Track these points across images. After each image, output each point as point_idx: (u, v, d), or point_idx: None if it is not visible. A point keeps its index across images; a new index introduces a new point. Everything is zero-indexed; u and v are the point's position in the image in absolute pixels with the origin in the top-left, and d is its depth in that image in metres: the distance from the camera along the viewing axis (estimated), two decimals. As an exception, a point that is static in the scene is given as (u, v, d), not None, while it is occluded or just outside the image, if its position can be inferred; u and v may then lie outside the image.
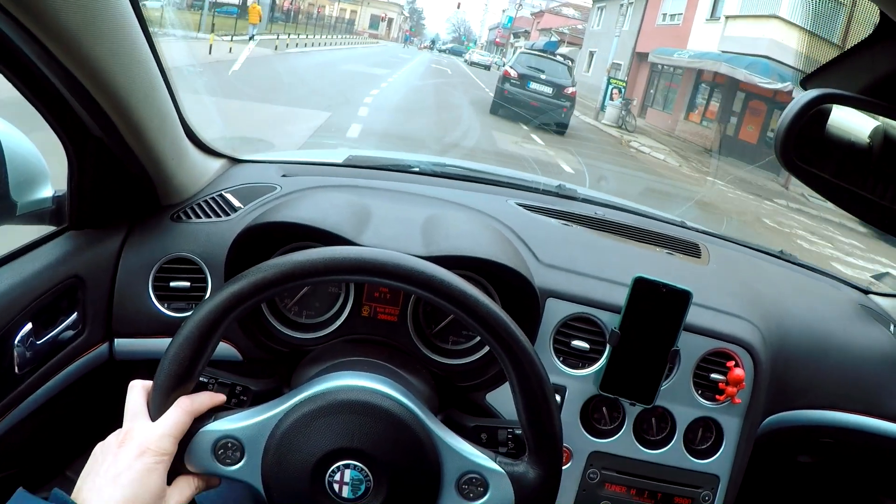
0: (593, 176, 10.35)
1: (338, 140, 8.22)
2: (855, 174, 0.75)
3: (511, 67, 15.82)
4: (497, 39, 58.24)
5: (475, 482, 0.92)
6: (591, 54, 35.64)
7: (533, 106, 15.13)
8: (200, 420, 0.89)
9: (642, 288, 1.26)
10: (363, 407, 0.91)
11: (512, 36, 57.60)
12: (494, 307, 0.90)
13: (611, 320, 1.31)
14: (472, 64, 46.13)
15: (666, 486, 1.36)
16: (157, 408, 0.86)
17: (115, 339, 1.30)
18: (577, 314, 1.32)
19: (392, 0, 70.19)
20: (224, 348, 1.29)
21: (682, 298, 1.26)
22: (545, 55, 17.26)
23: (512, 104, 15.03)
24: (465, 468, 0.92)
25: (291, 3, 38.11)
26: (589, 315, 1.32)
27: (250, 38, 20.66)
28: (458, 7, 63.78)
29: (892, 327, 1.72)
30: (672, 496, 1.36)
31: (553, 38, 40.97)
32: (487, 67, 43.61)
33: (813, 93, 0.72)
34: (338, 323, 1.30)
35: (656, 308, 1.27)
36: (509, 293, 1.30)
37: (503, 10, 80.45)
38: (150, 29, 1.05)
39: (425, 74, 27.95)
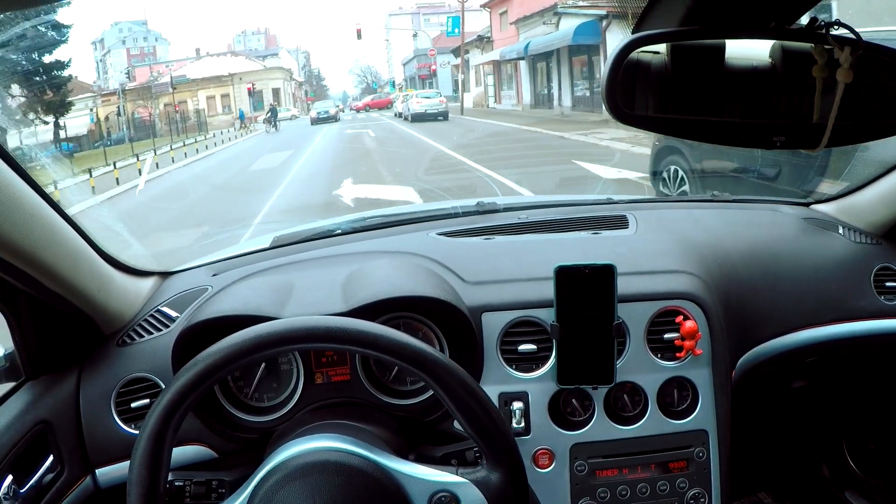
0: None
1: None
2: (688, 104, 0.82)
3: None
4: (433, 66, 41.61)
5: (445, 500, 0.99)
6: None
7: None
8: None
9: (566, 276, 1.29)
10: (319, 466, 0.99)
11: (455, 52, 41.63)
12: (397, 336, 0.97)
13: (549, 316, 1.33)
14: (415, 119, 26.57)
15: (656, 456, 1.37)
16: None
17: (97, 470, 1.35)
18: (515, 320, 1.37)
19: (274, 66, 53.40)
20: (198, 450, 1.34)
21: (607, 273, 1.28)
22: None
23: None
24: (431, 490, 0.99)
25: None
26: (527, 318, 1.37)
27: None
28: (359, 36, 42.32)
29: (839, 229, 1.77)
30: (666, 462, 1.37)
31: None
32: (444, 116, 27.61)
33: (623, 42, 0.78)
34: (295, 398, 1.35)
35: (585, 290, 1.29)
36: (443, 321, 1.35)
37: (414, 35, 64.65)
38: (41, 182, 1.11)
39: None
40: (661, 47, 0.82)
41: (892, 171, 1.71)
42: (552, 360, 1.35)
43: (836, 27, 0.78)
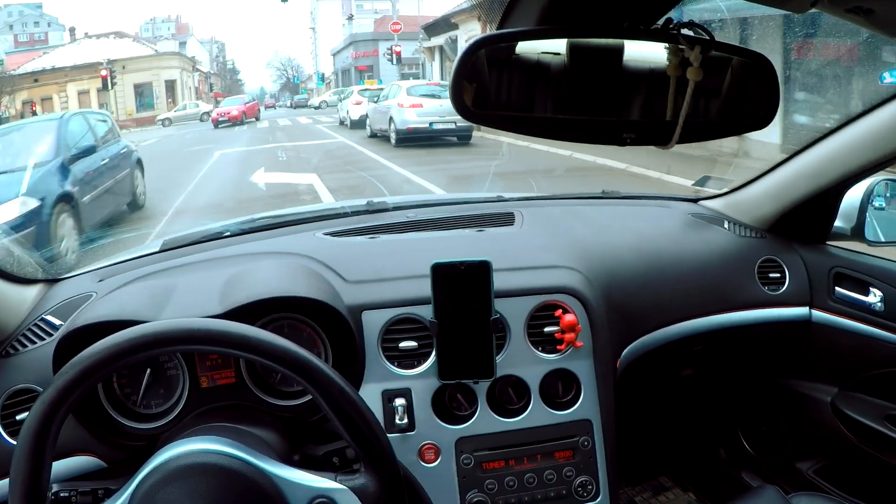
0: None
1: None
2: (538, 102, 0.83)
3: None
4: (396, 49, 29.61)
5: None
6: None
7: None
8: None
9: (442, 272, 1.31)
10: (198, 469, 0.98)
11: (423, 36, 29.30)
12: (267, 337, 0.98)
13: (429, 313, 1.35)
14: (403, 141, 13.65)
15: (542, 446, 1.39)
16: None
17: None
18: (395, 317, 1.38)
19: (169, 51, 41.85)
20: (87, 460, 1.31)
21: (483, 269, 1.30)
22: None
23: None
24: (309, 496, 1.00)
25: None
26: (408, 315, 1.38)
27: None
28: None
29: (725, 224, 1.86)
30: (551, 452, 1.39)
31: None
32: (466, 136, 14.17)
33: (469, 43, 0.80)
34: (182, 403, 1.32)
35: (462, 287, 1.31)
36: (322, 320, 1.34)
37: (344, 23, 54.19)
38: None
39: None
40: (522, 47, 0.83)
41: (776, 168, 1.80)
42: (433, 357, 1.37)
43: (688, 28, 0.80)
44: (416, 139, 13.48)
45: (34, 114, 36.22)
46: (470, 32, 22.41)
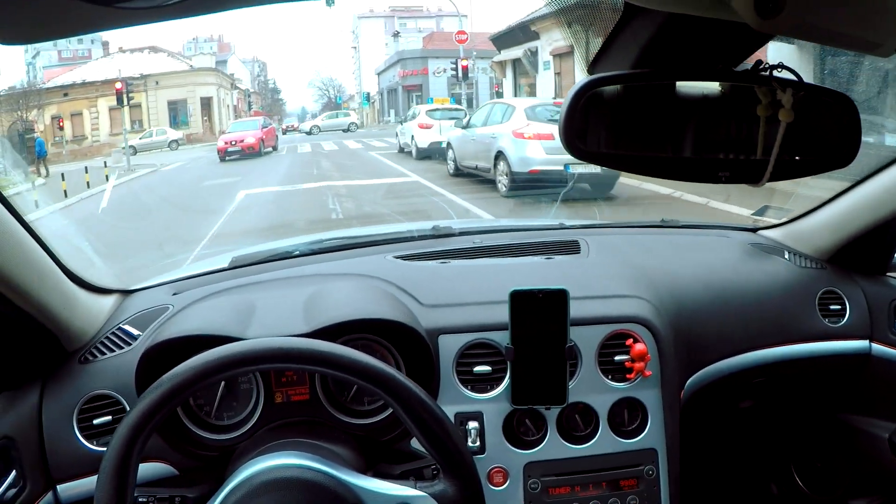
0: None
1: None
2: (638, 140, 0.86)
3: None
4: (463, 63, 25.16)
5: None
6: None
7: None
8: None
9: (520, 300, 1.32)
10: (282, 483, 1.02)
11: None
12: (358, 357, 1.03)
13: (504, 338, 1.36)
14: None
15: (607, 474, 1.40)
16: None
17: (58, 486, 1.35)
18: (471, 342, 1.40)
19: (205, 67, 39.20)
20: (159, 467, 1.34)
21: (560, 298, 1.32)
22: None
23: None
24: (390, 503, 1.02)
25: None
26: (483, 340, 1.40)
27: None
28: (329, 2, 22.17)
29: (785, 254, 1.83)
30: (617, 480, 1.40)
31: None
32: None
33: (581, 82, 0.82)
34: (256, 416, 1.36)
35: (539, 314, 1.33)
36: (400, 342, 1.38)
37: (388, 41, 51.65)
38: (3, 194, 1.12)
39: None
40: (627, 89, 0.85)
41: (836, 198, 1.78)
42: (506, 381, 1.38)
43: (779, 70, 0.81)
44: (535, 185, 9.05)
45: (61, 129, 33.65)
46: (556, 43, 18.57)
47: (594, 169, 8.75)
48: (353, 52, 72.91)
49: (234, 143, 20.92)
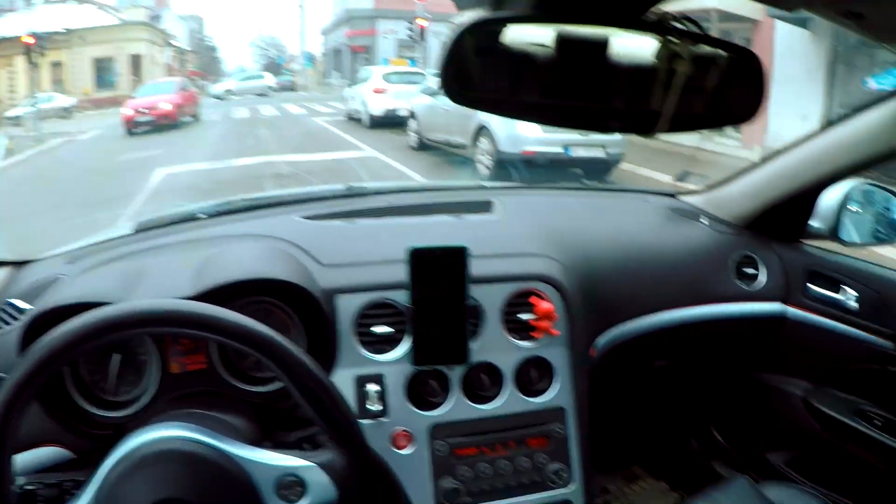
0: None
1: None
2: (528, 87, 0.82)
3: None
4: (419, 22, 22.72)
5: (292, 484, 0.99)
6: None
7: None
8: None
9: (419, 258, 1.29)
10: (162, 455, 0.97)
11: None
12: (232, 318, 0.97)
13: (404, 297, 1.33)
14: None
15: (515, 433, 1.39)
16: None
17: None
18: (370, 302, 1.36)
19: (135, 21, 36.50)
20: (53, 451, 1.28)
21: (459, 255, 1.29)
22: None
23: None
24: (276, 474, 0.99)
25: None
26: (383, 300, 1.36)
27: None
28: None
29: (703, 219, 1.85)
30: (525, 440, 1.39)
31: None
32: None
33: (460, 27, 0.79)
34: (152, 389, 1.29)
35: (438, 272, 1.30)
36: (295, 303, 1.32)
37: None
38: None
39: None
40: (511, 34, 0.81)
41: (755, 167, 1.84)
42: (407, 342, 1.35)
43: (682, 22, 0.80)
44: (528, 168, 7.87)
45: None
46: None
47: (597, 153, 8.01)
48: (298, 12, 70.50)
49: (144, 110, 17.27)
